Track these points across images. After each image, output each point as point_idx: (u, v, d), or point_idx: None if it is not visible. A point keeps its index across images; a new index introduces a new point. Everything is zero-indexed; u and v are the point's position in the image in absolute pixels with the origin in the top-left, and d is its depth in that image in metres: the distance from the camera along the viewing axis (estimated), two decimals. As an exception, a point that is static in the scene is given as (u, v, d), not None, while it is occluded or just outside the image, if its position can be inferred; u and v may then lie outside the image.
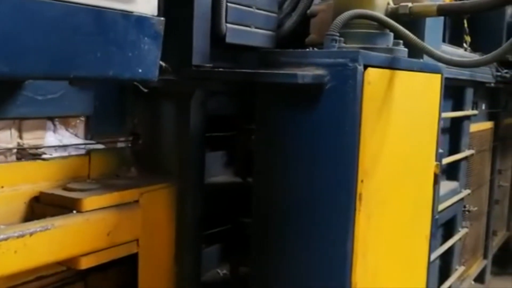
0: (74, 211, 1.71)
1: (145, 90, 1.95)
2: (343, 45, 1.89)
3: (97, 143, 2.04)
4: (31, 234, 1.53)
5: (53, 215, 1.69)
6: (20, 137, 1.88)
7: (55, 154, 1.95)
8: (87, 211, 1.72)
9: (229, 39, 2.13)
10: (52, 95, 1.87)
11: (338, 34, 1.85)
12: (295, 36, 2.50)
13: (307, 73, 1.71)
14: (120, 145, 2.14)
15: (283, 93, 1.81)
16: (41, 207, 1.78)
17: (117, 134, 2.13)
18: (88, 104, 2.00)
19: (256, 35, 2.28)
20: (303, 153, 1.77)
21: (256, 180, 1.92)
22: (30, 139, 1.90)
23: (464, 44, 3.96)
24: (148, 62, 1.45)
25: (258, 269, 1.95)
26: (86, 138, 2.04)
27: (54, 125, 1.98)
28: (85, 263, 1.70)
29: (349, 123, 1.70)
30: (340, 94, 1.70)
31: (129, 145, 2.17)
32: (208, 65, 2.02)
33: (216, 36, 2.10)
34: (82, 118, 2.03)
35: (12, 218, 1.75)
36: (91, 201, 1.73)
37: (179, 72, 1.96)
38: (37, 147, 1.90)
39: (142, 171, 2.13)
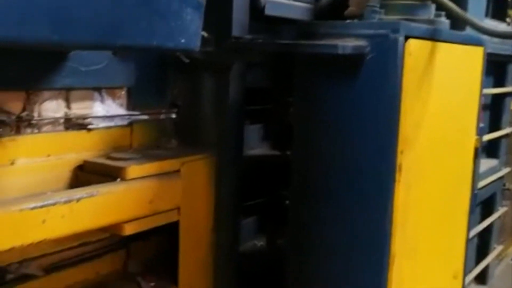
0: (118, 179, 1.75)
1: (187, 61, 1.97)
2: (383, 16, 1.87)
3: (144, 114, 2.08)
4: (77, 200, 1.58)
5: (96, 183, 1.74)
6: (68, 107, 1.93)
7: (101, 125, 2.00)
8: (130, 179, 1.76)
9: (268, 11, 2.13)
10: (96, 66, 1.91)
11: (378, 5, 1.83)
12: (333, 9, 2.48)
13: (347, 44, 1.71)
14: (160, 116, 2.18)
15: (323, 65, 1.81)
16: (85, 175, 1.83)
17: (157, 106, 2.16)
18: (130, 75, 2.04)
19: (294, 7, 2.27)
20: (343, 124, 1.77)
21: (295, 152, 1.93)
22: (77, 109, 1.95)
23: (507, 19, 3.86)
24: (191, 32, 1.46)
25: (295, 240, 1.97)
26: (128, 110, 2.08)
27: (101, 96, 2.03)
28: (128, 230, 1.75)
29: (390, 94, 1.69)
30: (381, 65, 1.69)
31: (169, 116, 2.20)
32: (247, 36, 2.02)
33: (255, 8, 2.11)
34: (124, 90, 2.07)
35: (57, 185, 1.81)
36: (134, 170, 1.78)
37: (218, 43, 1.98)
38: (84, 117, 1.95)
39: (181, 143, 2.17)
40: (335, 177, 1.80)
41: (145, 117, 2.12)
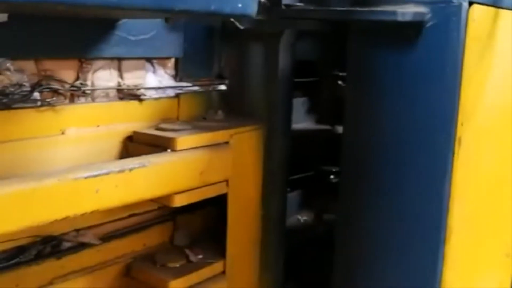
0: (168, 150, 1.73)
1: (241, 28, 1.92)
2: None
3: (193, 85, 2.04)
4: (130, 169, 1.56)
5: (146, 154, 1.72)
6: (121, 77, 1.90)
7: (152, 95, 1.97)
8: (180, 150, 1.74)
9: (319, -22, 2.07)
10: (144, 35, 1.87)
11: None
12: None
13: (407, 11, 1.63)
14: (207, 88, 2.14)
15: (378, 34, 1.74)
16: (135, 146, 1.81)
17: (204, 77, 2.13)
18: (178, 46, 2.00)
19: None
20: (400, 95, 1.70)
21: (347, 126, 1.87)
22: (130, 79, 1.92)
23: None
24: (247, -3, 1.41)
25: (346, 215, 1.92)
26: (176, 81, 2.05)
27: (153, 66, 2.00)
28: (179, 201, 1.73)
29: (451, 64, 1.61)
30: (442, 32, 1.61)
31: (216, 88, 2.16)
32: (298, 4, 1.96)
33: (306, -25, 2.04)
34: (172, 60, 2.04)
35: (107, 156, 1.80)
36: (184, 141, 1.75)
37: (269, 11, 1.92)
38: (136, 87, 1.92)
39: (229, 114, 2.13)
40: (390, 151, 1.74)
41: (192, 88, 2.09)
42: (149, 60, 1.98)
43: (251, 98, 2.09)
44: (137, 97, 1.92)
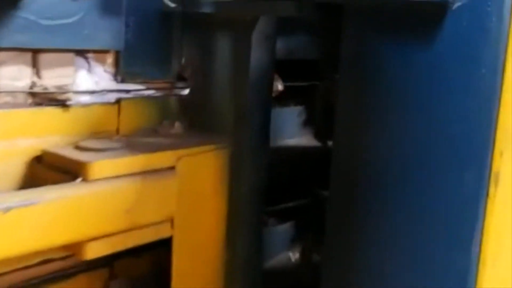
0: (79, 179, 1.23)
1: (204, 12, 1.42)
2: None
3: (145, 88, 1.55)
4: (5, 210, 1.07)
5: (55, 181, 1.24)
6: (37, 75, 1.43)
7: (87, 101, 1.49)
8: (96, 180, 1.24)
9: None
10: (64, 19, 1.38)
11: None
12: None
13: (422, -16, 1.10)
14: (160, 92, 1.64)
15: (384, 18, 1.21)
16: (42, 170, 1.32)
17: (157, 78, 1.62)
18: (117, 34, 1.50)
19: None
20: (411, 105, 1.17)
21: (339, 139, 1.35)
22: (51, 78, 1.45)
23: None
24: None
25: (335, 255, 1.38)
26: (116, 81, 1.55)
27: (88, 62, 1.51)
28: (92, 252, 1.23)
29: (488, 62, 1.07)
30: (476, 17, 1.07)
31: (174, 92, 1.66)
32: (276, -19, 1.44)
33: None
34: (111, 55, 1.54)
35: (3, 182, 1.31)
36: (102, 166, 1.25)
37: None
38: (60, 90, 1.45)
39: (189, 127, 1.63)
40: (395, 179, 1.21)
41: (140, 92, 1.59)
42: (81, 53, 1.49)
43: (215, 107, 1.58)
44: (62, 103, 1.44)
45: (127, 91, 1.56)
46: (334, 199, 1.37)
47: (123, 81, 1.54)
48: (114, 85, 1.55)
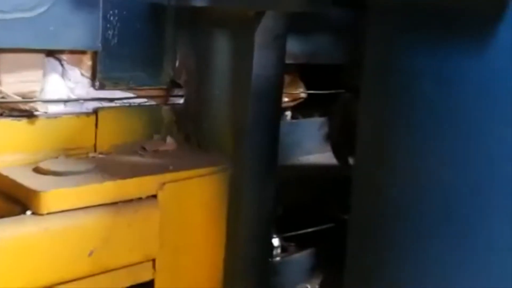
0: (28, 212, 0.97)
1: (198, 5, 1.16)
2: None
3: (135, 96, 1.30)
4: None
5: (1, 213, 0.98)
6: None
7: (59, 111, 1.24)
8: (51, 213, 0.97)
9: None
10: (23, 13, 1.13)
11: None
12: None
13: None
14: (149, 100, 1.37)
15: (421, 19, 0.92)
16: (-10, 198, 1.06)
17: (144, 84, 1.36)
18: (94, 33, 1.24)
19: None
20: (454, 124, 0.88)
21: (362, 160, 1.07)
22: (14, 83, 1.20)
23: None
24: None
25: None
26: (94, 87, 1.30)
27: (62, 64, 1.26)
28: (43, 304, 0.97)
29: None
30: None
31: (166, 101, 1.40)
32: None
33: None
34: (88, 56, 1.29)
35: None
36: (59, 196, 0.99)
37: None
38: (25, 98, 1.20)
39: (183, 142, 1.36)
40: (434, 206, 0.92)
41: (122, 101, 1.33)
42: (52, 54, 1.24)
43: (214, 119, 1.31)
44: (26, 114, 1.19)
45: (107, 100, 1.30)
46: (354, 226, 1.09)
47: (102, 87, 1.28)
48: (91, 92, 1.29)
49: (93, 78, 1.28)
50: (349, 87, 1.82)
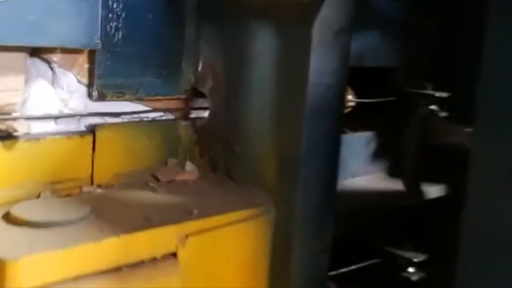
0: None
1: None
2: None
3: (145, 111, 0.98)
4: None
5: None
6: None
7: (39, 129, 0.93)
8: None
9: None
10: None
11: None
12: None
13: None
14: (164, 116, 1.05)
15: None
16: None
17: (158, 94, 1.03)
18: (91, 25, 0.92)
19: None
20: None
21: (477, 184, 0.74)
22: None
23: None
24: None
25: None
26: (90, 98, 0.97)
27: (52, 68, 0.94)
28: None
29: None
30: None
31: (184, 116, 1.07)
32: None
33: None
34: (83, 56, 0.96)
35: None
36: (31, 267, 0.66)
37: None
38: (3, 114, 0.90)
39: (207, 171, 1.04)
40: None
41: (129, 116, 1.01)
42: (37, 53, 0.92)
43: (248, 141, 0.98)
44: (3, 135, 0.88)
45: (109, 114, 0.98)
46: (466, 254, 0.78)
47: (101, 97, 0.96)
48: (88, 105, 0.97)
49: (90, 85, 0.96)
50: (400, 94, 1.51)
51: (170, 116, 1.06)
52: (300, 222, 0.92)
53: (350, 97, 1.39)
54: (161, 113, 1.04)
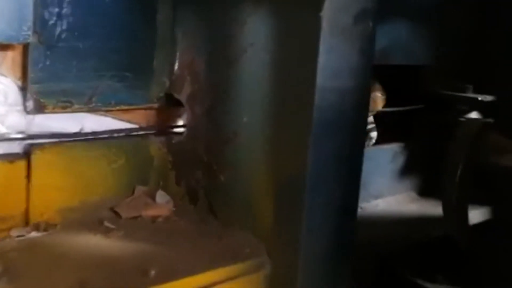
0: None
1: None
2: None
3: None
4: None
5: None
6: None
7: None
8: None
9: None
10: None
11: None
12: None
13: None
14: (127, 132, 0.79)
15: None
16: None
17: (119, 103, 0.78)
18: (22, 11, 0.67)
19: None
20: None
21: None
22: None
23: None
24: None
25: None
26: (26, 110, 0.72)
27: None
28: None
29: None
30: None
31: (155, 132, 0.81)
32: None
33: None
34: (15, 53, 0.71)
35: None
36: None
37: None
38: None
39: (186, 203, 0.79)
40: None
41: (78, 134, 0.76)
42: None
43: (237, 165, 0.72)
44: None
45: (47, 134, 0.73)
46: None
47: (38, 109, 0.71)
48: (22, 119, 0.72)
49: (23, 93, 0.71)
50: (433, 97, 1.25)
51: (138, 132, 0.81)
52: (304, 278, 0.67)
53: (379, 96, 1.13)
54: (125, 128, 0.79)
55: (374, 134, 1.12)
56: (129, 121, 0.80)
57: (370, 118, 1.09)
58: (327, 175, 0.66)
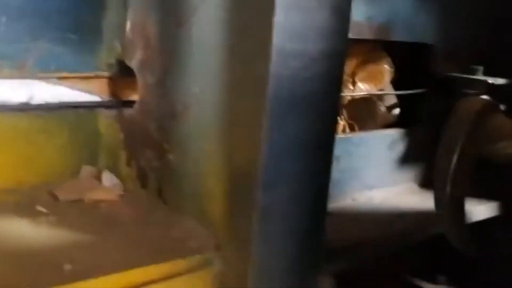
0: None
1: None
2: None
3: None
4: None
5: None
6: None
7: None
8: None
9: None
10: None
11: None
12: None
13: None
14: (69, 103, 0.69)
15: None
16: None
17: (63, 70, 0.68)
18: None
19: None
20: None
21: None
22: None
23: None
24: None
25: None
26: None
27: None
28: None
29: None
30: None
31: (107, 105, 0.71)
32: None
33: None
34: None
35: None
36: None
37: None
38: None
39: (137, 186, 0.68)
40: None
41: (15, 100, 0.66)
42: None
43: (187, 145, 0.62)
44: None
45: None
46: None
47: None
48: None
49: None
50: (436, 80, 1.14)
51: (84, 104, 0.70)
52: (259, 277, 0.56)
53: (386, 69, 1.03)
54: (69, 100, 0.69)
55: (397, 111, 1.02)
56: (73, 91, 0.69)
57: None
58: (288, 162, 0.55)
